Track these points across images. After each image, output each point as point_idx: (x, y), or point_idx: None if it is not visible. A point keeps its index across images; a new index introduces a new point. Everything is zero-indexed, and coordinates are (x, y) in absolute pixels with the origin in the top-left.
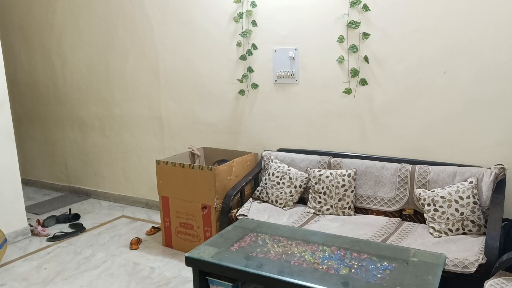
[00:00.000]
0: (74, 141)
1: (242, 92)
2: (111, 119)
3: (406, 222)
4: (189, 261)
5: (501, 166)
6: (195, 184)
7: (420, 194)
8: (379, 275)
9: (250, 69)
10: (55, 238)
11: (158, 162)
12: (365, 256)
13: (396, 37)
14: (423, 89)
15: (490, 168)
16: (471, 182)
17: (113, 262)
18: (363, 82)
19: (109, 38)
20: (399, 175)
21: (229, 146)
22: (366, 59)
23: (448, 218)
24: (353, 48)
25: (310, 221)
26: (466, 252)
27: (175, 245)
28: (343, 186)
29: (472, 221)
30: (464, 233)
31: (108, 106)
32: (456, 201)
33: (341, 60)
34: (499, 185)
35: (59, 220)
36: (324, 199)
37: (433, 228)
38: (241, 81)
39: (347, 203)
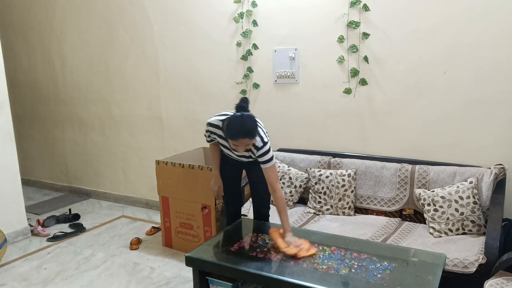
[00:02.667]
0: (74, 141)
1: (243, 92)
2: (111, 119)
3: (406, 222)
4: (189, 261)
5: (501, 166)
6: (195, 184)
7: (420, 194)
8: (379, 275)
9: (249, 69)
10: (55, 238)
11: (158, 162)
12: (365, 256)
13: (396, 37)
14: (423, 89)
15: (490, 168)
16: (471, 182)
17: (113, 262)
18: (363, 82)
19: (109, 38)
20: (399, 175)
21: None
22: (366, 59)
23: (448, 218)
24: (353, 48)
25: (310, 221)
26: (466, 252)
27: (175, 245)
28: (343, 186)
29: (472, 221)
30: (464, 233)
31: (108, 106)
32: (456, 201)
33: (341, 60)
34: (499, 185)
35: (59, 220)
36: (324, 199)
37: (433, 228)
38: (240, 82)
39: (347, 203)
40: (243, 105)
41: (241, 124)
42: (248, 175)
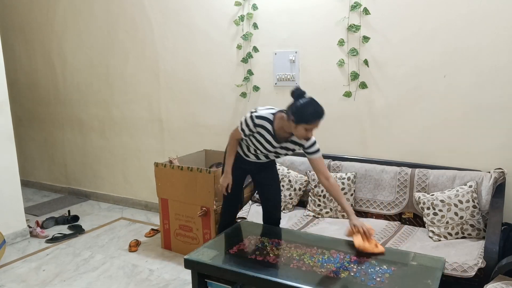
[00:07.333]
0: (74, 143)
1: (244, 94)
2: (111, 121)
3: (406, 226)
4: (188, 264)
5: (500, 170)
6: (194, 186)
7: (419, 197)
8: (378, 279)
9: (250, 72)
10: (54, 240)
11: (156, 164)
12: (364, 259)
13: (396, 41)
14: (423, 93)
15: (489, 172)
16: (470, 186)
17: (112, 264)
18: (363, 85)
19: (109, 39)
20: (398, 179)
21: None
22: (366, 62)
23: (447, 222)
24: (353, 52)
25: (310, 224)
26: (466, 256)
27: (174, 247)
28: (342, 189)
29: (472, 225)
30: (463, 237)
31: (108, 108)
32: (456, 205)
33: (341, 63)
34: (498, 189)
35: (58, 221)
36: (324, 202)
37: (433, 231)
38: (240, 85)
39: None
40: (302, 91)
41: (316, 106)
42: (258, 178)
